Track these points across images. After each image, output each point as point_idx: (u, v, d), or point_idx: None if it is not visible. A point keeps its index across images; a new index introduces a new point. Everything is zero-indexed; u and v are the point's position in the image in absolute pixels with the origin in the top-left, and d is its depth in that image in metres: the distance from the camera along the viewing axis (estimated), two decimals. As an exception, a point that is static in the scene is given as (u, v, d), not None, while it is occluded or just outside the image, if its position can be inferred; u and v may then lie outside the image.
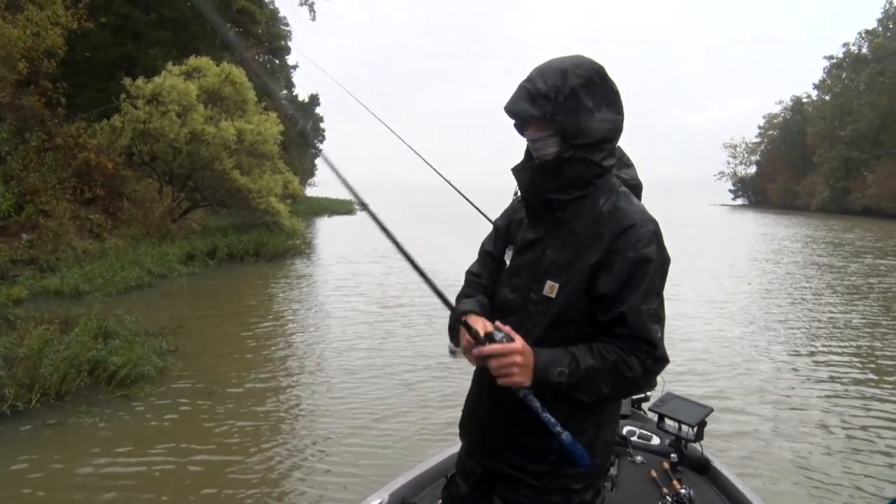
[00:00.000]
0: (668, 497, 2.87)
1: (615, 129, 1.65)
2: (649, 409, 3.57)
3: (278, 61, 38.57)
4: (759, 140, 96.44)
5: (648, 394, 3.93)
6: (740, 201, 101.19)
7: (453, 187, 3.25)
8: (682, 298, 12.22)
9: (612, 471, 2.94)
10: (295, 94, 43.71)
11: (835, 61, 74.92)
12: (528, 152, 1.74)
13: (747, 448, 5.39)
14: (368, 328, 9.25)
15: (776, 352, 8.69)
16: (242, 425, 5.52)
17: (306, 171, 47.01)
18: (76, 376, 5.84)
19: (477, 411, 1.85)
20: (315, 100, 48.13)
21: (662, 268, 1.62)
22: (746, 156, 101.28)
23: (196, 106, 16.30)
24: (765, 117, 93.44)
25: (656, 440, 3.44)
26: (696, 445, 3.27)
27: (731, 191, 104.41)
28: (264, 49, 29.59)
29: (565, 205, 1.67)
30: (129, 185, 16.88)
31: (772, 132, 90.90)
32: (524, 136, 1.70)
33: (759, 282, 15.88)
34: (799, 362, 8.21)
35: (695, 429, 3.24)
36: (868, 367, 8.09)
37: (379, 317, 10.11)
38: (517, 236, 1.79)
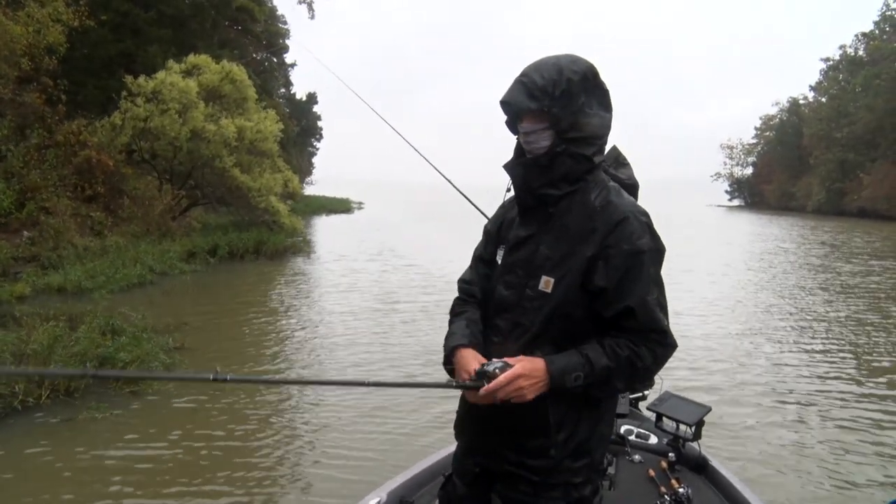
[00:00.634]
0: (666, 496, 2.87)
1: (605, 126, 1.69)
2: (647, 409, 3.59)
3: (276, 59, 38.56)
4: (755, 141, 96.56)
5: (646, 393, 3.93)
6: (737, 202, 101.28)
7: (451, 184, 3.29)
8: (679, 297, 12.25)
9: (610, 470, 2.95)
10: (293, 92, 43.74)
11: (831, 63, 75.10)
12: (518, 149, 1.77)
13: (745, 447, 5.40)
14: (368, 324, 9.32)
15: (773, 350, 8.75)
16: (248, 422, 5.58)
17: (304, 170, 47.02)
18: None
19: (472, 411, 1.83)
20: (313, 98, 48.11)
21: (658, 257, 1.65)
22: (743, 157, 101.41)
23: (197, 104, 16.32)
24: (761, 118, 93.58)
25: (654, 439, 3.44)
26: (694, 444, 3.28)
27: (727, 192, 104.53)
28: (264, 48, 29.60)
29: (557, 200, 1.69)
30: (130, 183, 16.90)
31: (768, 133, 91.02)
32: (518, 129, 1.73)
33: (754, 282, 15.97)
34: (796, 361, 8.27)
35: (692, 428, 3.25)
36: (865, 365, 8.16)
37: (378, 313, 10.20)
38: (509, 235, 1.80)
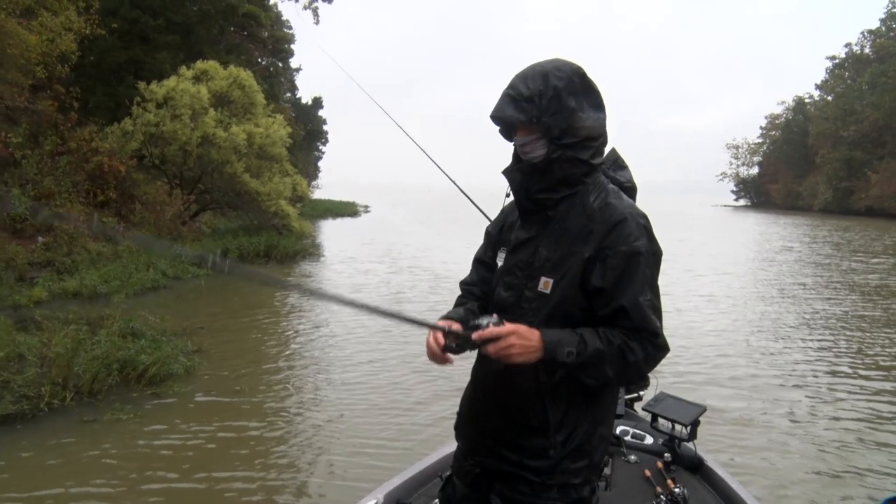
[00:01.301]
0: (662, 496, 2.89)
1: (600, 127, 1.71)
2: (643, 409, 3.60)
3: (282, 64, 38.75)
4: (761, 141, 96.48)
5: (641, 393, 4.03)
6: (742, 202, 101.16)
7: (454, 183, 3.34)
8: (682, 296, 12.53)
9: (607, 470, 3.03)
10: (298, 96, 43.91)
11: (837, 61, 75.02)
12: (516, 154, 1.79)
13: (741, 446, 5.41)
14: (379, 322, 9.48)
15: (772, 349, 8.82)
16: (268, 422, 5.73)
17: (310, 174, 47.21)
18: (107, 375, 6.04)
19: (473, 411, 1.87)
20: (318, 102, 48.29)
21: (654, 260, 1.66)
22: (748, 157, 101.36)
23: (207, 109, 16.51)
24: (767, 118, 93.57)
25: (650, 439, 3.46)
26: (690, 444, 3.30)
27: (733, 192, 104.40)
28: (270, 53, 29.79)
29: (556, 203, 1.72)
30: (141, 188, 17.09)
31: (774, 133, 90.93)
32: (512, 141, 1.76)
33: (755, 280, 16.08)
34: (796, 359, 8.35)
35: (688, 428, 3.28)
36: (864, 363, 8.21)
37: (386, 319, 10.31)
38: (510, 237, 1.83)
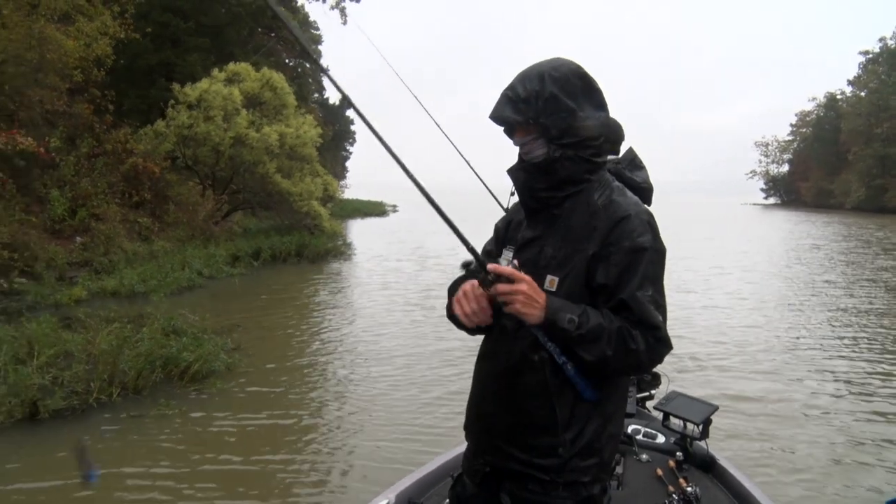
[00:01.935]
0: (674, 495, 2.88)
1: (601, 126, 1.70)
2: (654, 408, 3.59)
3: (309, 65, 38.97)
4: (791, 138, 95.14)
5: (653, 392, 4.01)
6: (772, 200, 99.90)
7: (476, 175, 3.27)
8: (701, 293, 12.77)
9: (618, 469, 3.02)
10: (326, 97, 44.17)
11: (870, 56, 73.70)
12: (520, 155, 1.79)
13: (753, 445, 5.40)
14: (413, 317, 9.73)
15: (790, 347, 8.78)
16: (299, 418, 5.87)
17: (337, 174, 47.49)
18: (151, 372, 6.19)
19: (480, 410, 1.86)
20: (345, 103, 48.47)
21: (657, 256, 1.66)
22: (778, 154, 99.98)
23: (240, 111, 16.75)
24: (797, 115, 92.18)
25: (662, 438, 3.45)
26: (702, 443, 3.28)
27: (762, 190, 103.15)
28: (297, 54, 30.01)
29: (560, 202, 1.71)
30: (174, 189, 17.37)
31: (804, 130, 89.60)
32: (513, 140, 1.75)
33: (780, 277, 16.07)
34: (813, 357, 8.31)
35: (700, 427, 3.26)
36: (881, 363, 8.11)
37: (417, 307, 10.71)
38: (516, 236, 1.82)
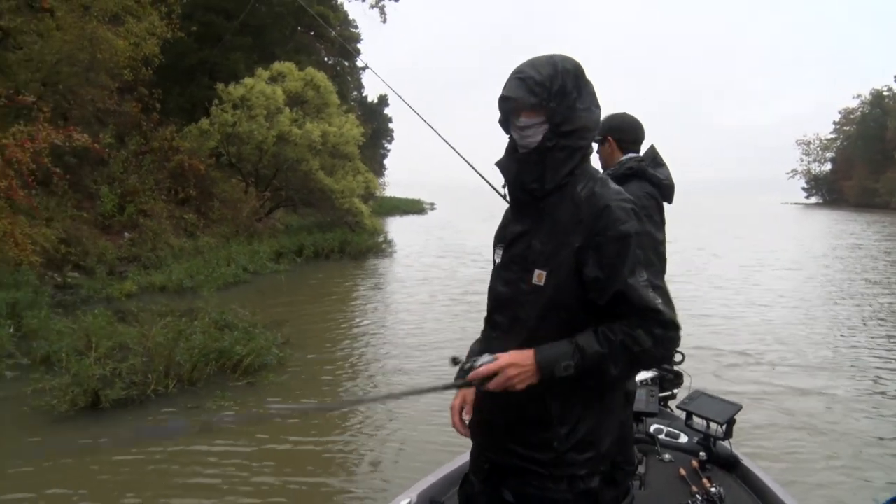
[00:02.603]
0: (697, 496, 2.84)
1: (595, 120, 1.76)
2: (677, 407, 3.55)
3: (348, 63, 39.32)
4: (834, 136, 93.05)
5: (675, 391, 3.94)
6: (814, 200, 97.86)
7: (482, 175, 3.15)
8: (746, 290, 12.79)
9: (641, 469, 2.99)
10: (364, 95, 44.52)
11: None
12: (509, 147, 1.83)
13: (778, 445, 5.31)
14: (449, 320, 9.72)
15: (821, 346, 8.67)
16: (360, 413, 5.93)
17: (376, 172, 47.81)
18: (205, 365, 6.32)
19: (481, 407, 1.89)
20: (384, 100, 48.88)
21: (644, 240, 1.65)
22: (820, 152, 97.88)
23: (283, 109, 16.98)
24: (841, 112, 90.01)
25: (684, 438, 3.41)
26: (725, 443, 3.24)
27: (804, 189, 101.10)
28: (337, 52, 30.28)
29: (548, 193, 1.74)
30: (219, 186, 17.69)
31: (848, 127, 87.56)
32: (514, 124, 1.77)
33: (817, 276, 15.90)
34: (842, 356, 8.20)
35: (723, 426, 3.21)
36: None
37: (456, 302, 10.90)
38: (506, 233, 1.86)
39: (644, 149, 3.15)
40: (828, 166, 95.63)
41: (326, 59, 33.19)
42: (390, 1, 30.94)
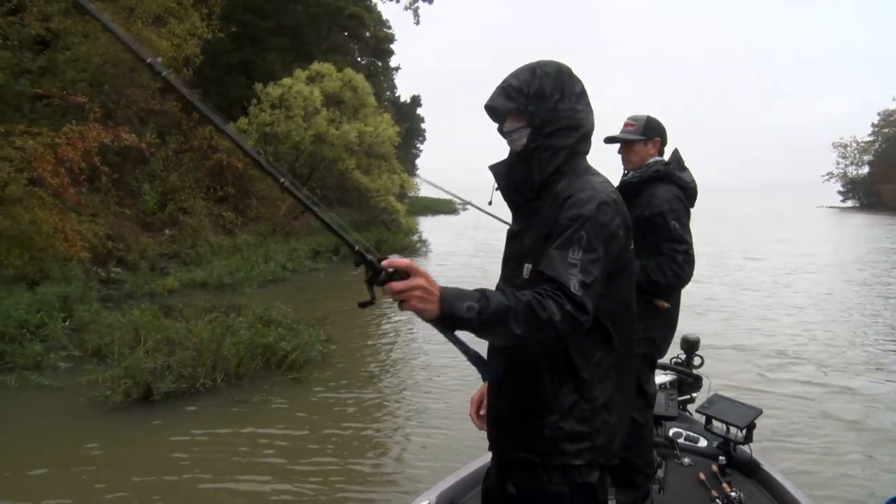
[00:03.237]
0: (717, 500, 2.85)
1: (580, 118, 1.79)
2: (696, 411, 3.56)
3: (381, 63, 39.55)
4: (872, 139, 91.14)
5: (694, 395, 3.98)
6: (850, 203, 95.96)
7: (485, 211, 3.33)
8: (762, 290, 12.81)
9: (660, 473, 3.02)
10: (397, 95, 44.72)
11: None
12: (509, 152, 1.89)
13: (800, 450, 5.28)
14: None
15: (853, 351, 8.57)
16: (401, 407, 6.05)
17: (408, 172, 48.02)
18: (251, 360, 6.46)
19: (488, 401, 1.94)
20: (416, 100, 49.16)
21: (597, 227, 1.64)
22: (858, 155, 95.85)
23: (320, 110, 17.17)
24: (880, 114, 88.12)
25: (704, 442, 3.42)
26: (745, 448, 3.24)
27: (840, 192, 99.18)
28: (371, 52, 30.51)
29: (536, 193, 1.80)
30: (256, 185, 17.93)
31: (887, 130, 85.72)
32: (503, 129, 1.86)
33: (846, 281, 15.61)
34: (870, 361, 8.12)
35: (743, 431, 3.22)
36: None
37: None
38: (507, 234, 1.94)
39: (668, 152, 3.19)
40: (865, 169, 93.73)
41: (360, 60, 33.41)
42: (424, 2, 31.04)
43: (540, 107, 1.75)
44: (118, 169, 13.65)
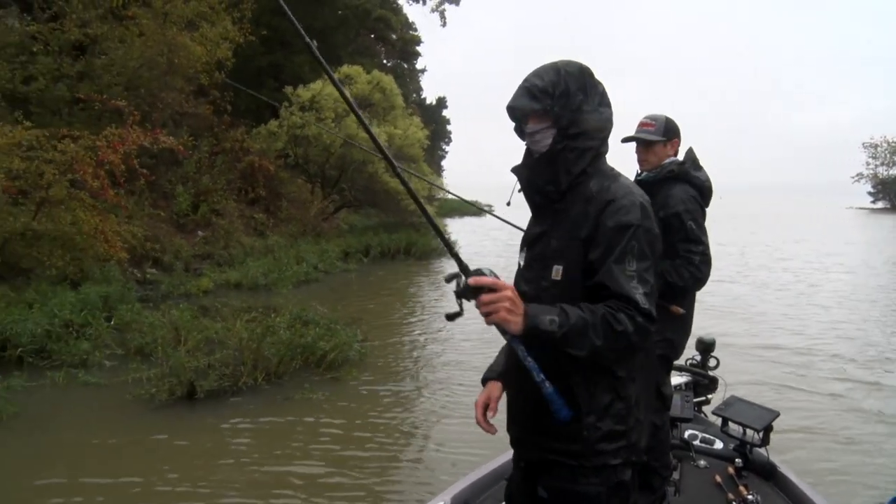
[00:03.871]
0: (733, 503, 2.82)
1: (604, 120, 1.79)
2: (712, 413, 3.53)
3: (407, 65, 39.72)
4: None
5: (710, 397, 3.94)
6: (881, 204, 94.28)
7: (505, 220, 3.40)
8: (789, 290, 12.68)
9: (675, 475, 3.00)
10: (423, 97, 44.89)
11: None
12: (526, 152, 1.89)
13: (818, 454, 5.21)
14: None
15: (864, 356, 8.38)
16: (440, 406, 6.08)
17: (434, 174, 48.18)
18: (291, 359, 6.55)
19: (510, 404, 1.92)
20: (442, 102, 49.35)
21: (645, 234, 1.67)
22: (888, 156, 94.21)
23: (349, 112, 17.27)
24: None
25: (720, 444, 3.39)
26: (762, 450, 3.21)
27: (870, 193, 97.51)
28: (397, 55, 30.64)
29: (562, 194, 1.79)
30: (287, 187, 18.11)
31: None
32: (524, 130, 1.84)
33: (871, 282, 15.35)
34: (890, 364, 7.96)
35: (760, 433, 3.19)
36: None
37: None
38: (528, 236, 1.94)
39: (683, 152, 3.18)
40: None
41: (386, 62, 33.57)
42: (451, 4, 31.13)
43: (565, 108, 1.75)
44: (153, 171, 13.85)
